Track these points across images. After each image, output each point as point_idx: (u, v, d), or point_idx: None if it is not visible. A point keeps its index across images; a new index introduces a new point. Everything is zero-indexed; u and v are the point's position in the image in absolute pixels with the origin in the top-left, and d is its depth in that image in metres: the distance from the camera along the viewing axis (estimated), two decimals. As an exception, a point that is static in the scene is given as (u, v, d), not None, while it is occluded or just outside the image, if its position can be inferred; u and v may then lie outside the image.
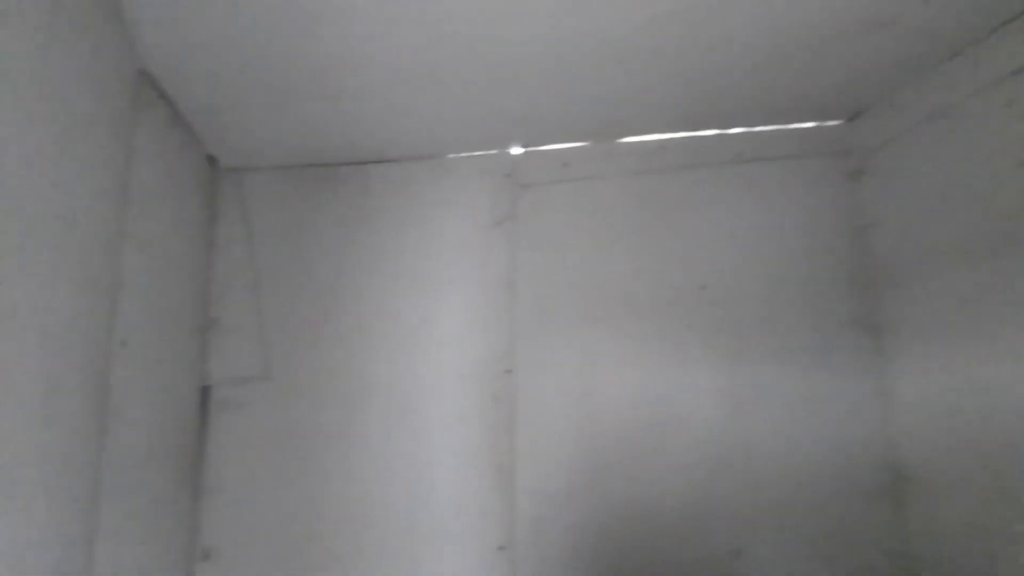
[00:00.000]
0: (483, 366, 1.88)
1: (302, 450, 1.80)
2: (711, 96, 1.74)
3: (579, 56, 1.53)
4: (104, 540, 1.28)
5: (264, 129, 1.79)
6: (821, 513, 1.78)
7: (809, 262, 1.88)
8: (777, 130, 1.91)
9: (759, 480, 1.81)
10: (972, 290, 1.53)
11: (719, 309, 1.87)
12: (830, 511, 1.79)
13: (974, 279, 1.52)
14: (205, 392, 1.81)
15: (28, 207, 1.06)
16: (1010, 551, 1.43)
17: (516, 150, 1.96)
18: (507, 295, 1.90)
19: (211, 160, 1.90)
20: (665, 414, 1.85)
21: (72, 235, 1.20)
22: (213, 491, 1.76)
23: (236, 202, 1.95)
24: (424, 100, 1.68)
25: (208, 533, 1.73)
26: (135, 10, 1.33)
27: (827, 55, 1.56)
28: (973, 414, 1.53)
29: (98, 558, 1.27)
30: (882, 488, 1.76)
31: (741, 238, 1.90)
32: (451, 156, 1.97)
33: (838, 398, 1.83)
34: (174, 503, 1.64)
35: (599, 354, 1.88)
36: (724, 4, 1.36)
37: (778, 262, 1.89)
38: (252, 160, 1.94)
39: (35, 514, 1.06)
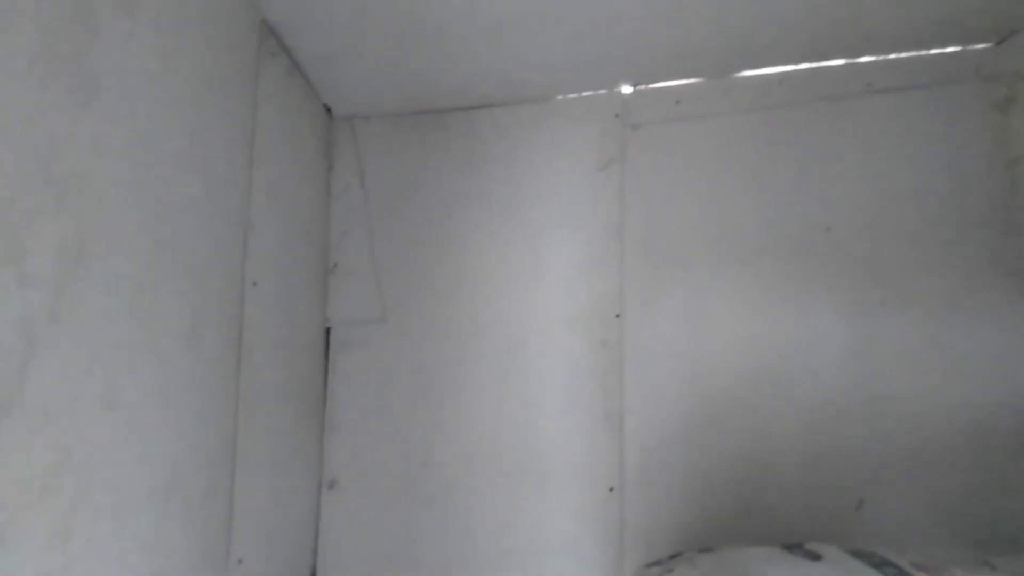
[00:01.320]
0: (592, 311, 1.87)
1: (416, 390, 1.87)
2: (839, 22, 1.62)
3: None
4: (242, 466, 1.39)
5: (376, 77, 1.82)
6: (951, 467, 1.69)
7: (946, 200, 1.74)
8: (914, 57, 1.75)
9: (885, 432, 1.73)
10: None
11: (844, 252, 1.77)
12: (962, 466, 1.68)
13: None
14: (327, 333, 1.90)
15: (170, 155, 1.13)
16: None
17: (626, 89, 1.90)
18: (616, 238, 1.87)
19: (326, 109, 1.96)
20: (782, 361, 1.79)
21: (209, 179, 1.27)
22: (336, 426, 1.86)
23: (350, 150, 2.00)
24: (533, 41, 1.65)
25: (332, 464, 1.84)
26: (258, -42, 1.37)
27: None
28: None
29: (238, 482, 1.37)
30: (1021, 445, 1.64)
31: (870, 176, 1.78)
32: (559, 97, 1.94)
33: (974, 347, 1.70)
34: (302, 435, 1.75)
35: (712, 299, 1.83)
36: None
37: (911, 201, 1.76)
38: (364, 109, 1.99)
39: (187, 434, 1.16)
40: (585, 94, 1.93)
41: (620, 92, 1.91)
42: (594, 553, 1.76)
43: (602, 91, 1.92)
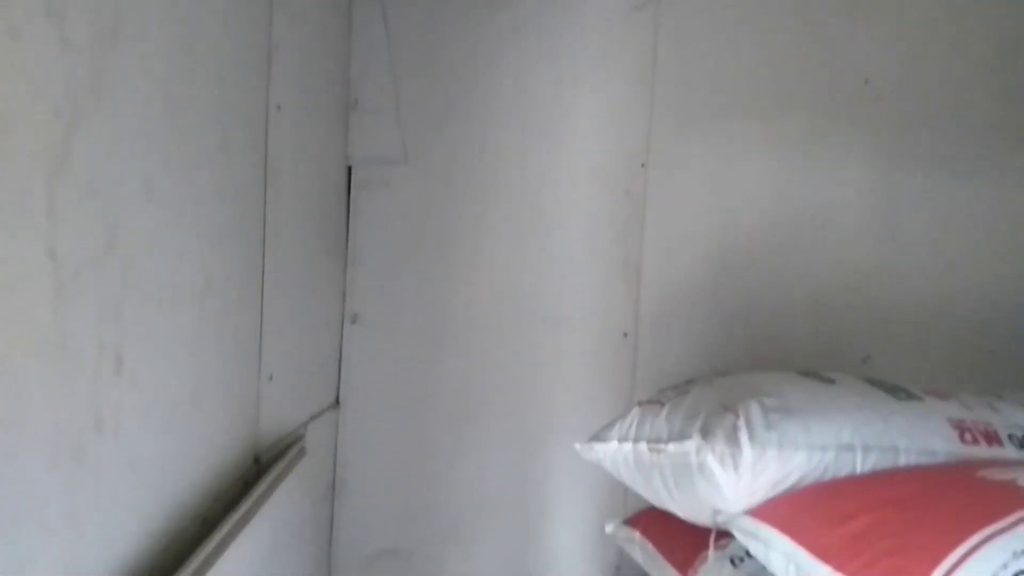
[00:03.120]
0: (617, 159, 1.84)
1: (438, 232, 1.87)
2: None
3: None
4: (270, 287, 1.41)
5: None
6: (965, 329, 1.73)
7: (993, 59, 1.67)
8: None
9: (903, 291, 1.76)
10: None
11: (883, 106, 1.72)
12: (976, 327, 1.72)
13: None
14: (349, 172, 1.88)
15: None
16: None
17: (669, -81, 1.78)
18: (646, 84, 1.82)
19: (348, -68, 1.84)
20: (808, 217, 1.79)
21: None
22: (358, 263, 1.88)
23: (372, -20, 1.90)
24: None
25: (355, 299, 1.88)
26: None
27: None
28: None
29: (266, 303, 1.41)
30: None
31: (916, 26, 1.70)
32: (596, -74, 1.82)
33: (1010, 210, 1.70)
34: (325, 269, 1.78)
35: (742, 150, 1.81)
36: None
37: (957, 57, 1.69)
38: (388, -67, 1.87)
39: (219, 243, 1.17)
40: (624, -77, 1.80)
41: (662, -78, 1.79)
42: (605, 395, 1.83)
43: (643, -80, 1.80)
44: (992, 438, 1.01)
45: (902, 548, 0.74)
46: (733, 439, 0.97)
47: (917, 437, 0.99)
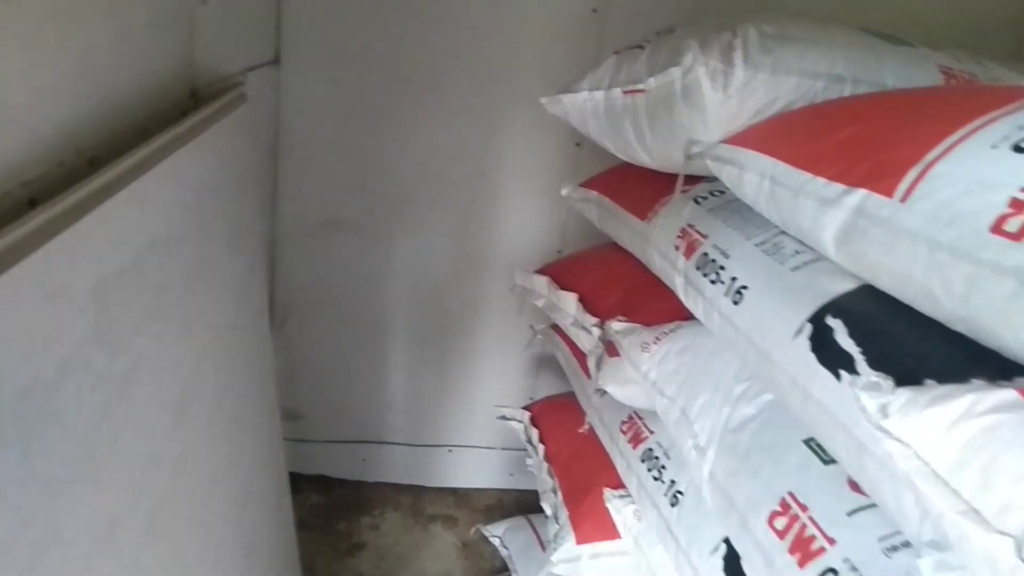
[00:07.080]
0: None
1: None
2: None
3: None
4: None
5: None
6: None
7: None
8: None
9: None
10: None
11: None
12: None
13: None
14: None
15: None
16: None
17: None
18: None
19: None
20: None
21: None
22: None
23: None
24: None
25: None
26: None
27: None
28: None
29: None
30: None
31: None
32: None
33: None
34: None
35: None
36: None
37: None
38: None
39: None
40: None
41: None
42: (565, 75, 1.71)
43: None
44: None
45: (894, 143, 0.73)
46: (728, 58, 0.92)
47: (906, 76, 0.97)
